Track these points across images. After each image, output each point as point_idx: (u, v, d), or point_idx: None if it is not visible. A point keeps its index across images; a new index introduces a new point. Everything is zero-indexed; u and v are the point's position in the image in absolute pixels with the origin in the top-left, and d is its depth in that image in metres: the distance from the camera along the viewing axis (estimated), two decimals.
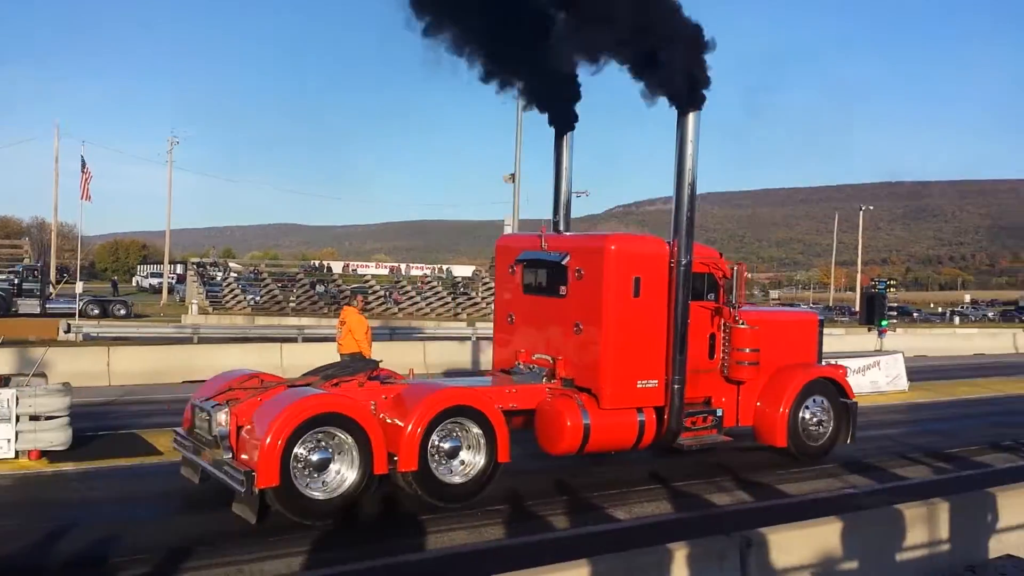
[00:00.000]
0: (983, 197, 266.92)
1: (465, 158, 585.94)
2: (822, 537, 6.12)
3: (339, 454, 8.76)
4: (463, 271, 71.40)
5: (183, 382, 18.95)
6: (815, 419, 12.05)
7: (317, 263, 68.89)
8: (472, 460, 9.52)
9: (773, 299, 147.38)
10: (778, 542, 5.89)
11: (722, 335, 11.41)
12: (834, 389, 12.27)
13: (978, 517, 6.98)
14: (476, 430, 9.52)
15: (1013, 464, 12.34)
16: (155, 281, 76.69)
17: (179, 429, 9.95)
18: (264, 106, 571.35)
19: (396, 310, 57.85)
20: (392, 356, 20.43)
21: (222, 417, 8.80)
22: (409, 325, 41.23)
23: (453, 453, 9.43)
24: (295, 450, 8.45)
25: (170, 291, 64.99)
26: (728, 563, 5.66)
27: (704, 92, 10.81)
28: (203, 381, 10.09)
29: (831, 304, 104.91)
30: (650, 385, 10.60)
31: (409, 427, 9.05)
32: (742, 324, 11.29)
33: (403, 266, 71.38)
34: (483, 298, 62.92)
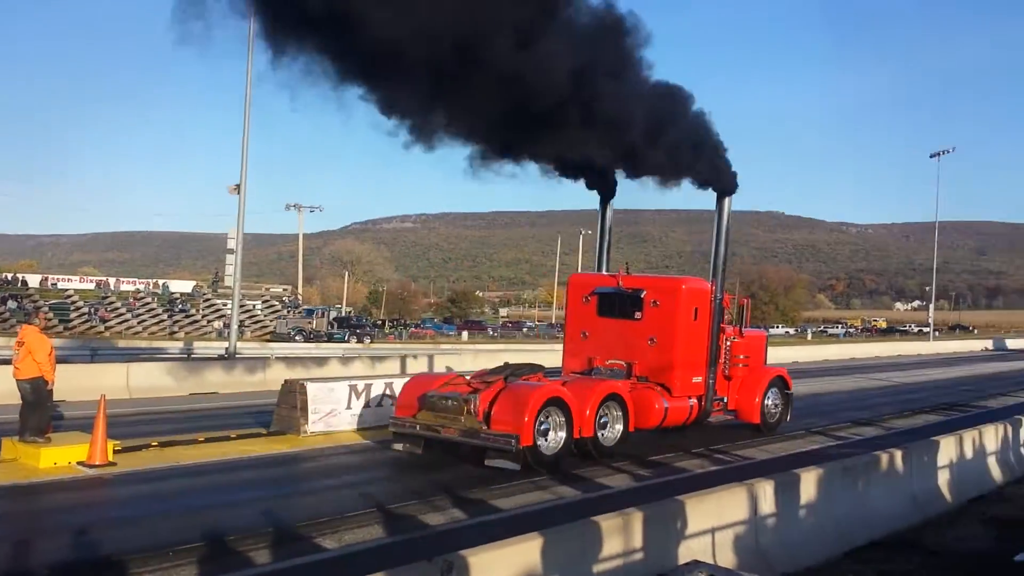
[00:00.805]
0: (686, 225, 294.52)
1: (187, 166, 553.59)
2: (524, 554, 6.07)
3: (551, 424, 12.64)
4: (183, 286, 67.15)
5: None
6: (773, 404, 16.97)
7: (10, 276, 61.59)
8: (615, 429, 13.66)
9: (502, 316, 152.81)
10: (480, 563, 5.74)
11: (725, 345, 15.93)
12: (782, 383, 17.23)
13: (669, 525, 7.29)
14: (617, 411, 13.69)
15: (704, 469, 13.33)
16: None
17: (395, 417, 13.43)
18: None
19: (102, 328, 53.16)
20: (87, 380, 18.59)
21: (479, 402, 12.49)
22: (115, 345, 37.90)
23: (605, 425, 13.54)
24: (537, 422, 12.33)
25: None
26: None
27: (736, 181, 15.56)
28: None
29: (553, 322, 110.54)
30: (697, 380, 15.28)
31: (587, 410, 13.05)
32: (734, 339, 16.19)
33: (112, 280, 65.74)
34: (204, 315, 59.49)
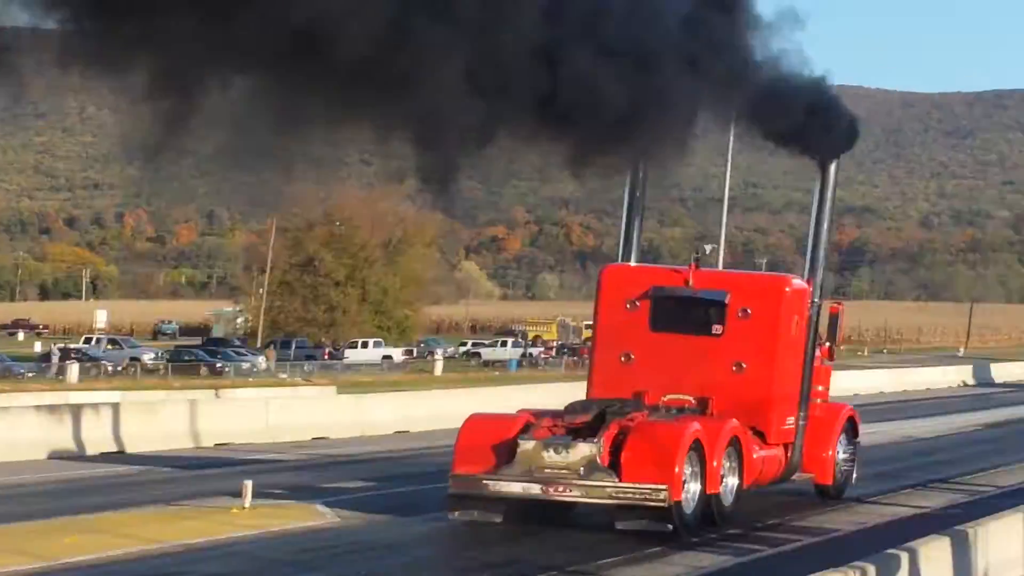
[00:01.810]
0: None
1: None
2: None
3: (687, 475, 10.26)
4: None
5: None
6: (845, 459, 12.75)
7: None
8: (731, 484, 10.83)
9: None
10: None
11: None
12: (852, 427, 13.01)
13: None
14: (734, 461, 10.52)
15: None
16: None
17: (459, 475, 10.17)
18: None
19: None
20: None
21: (598, 449, 9.93)
22: None
23: (722, 479, 10.66)
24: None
25: None
26: None
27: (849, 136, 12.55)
28: None
29: None
30: (790, 423, 11.51)
31: (715, 458, 10.16)
32: (821, 363, 12.57)
33: None
34: None
